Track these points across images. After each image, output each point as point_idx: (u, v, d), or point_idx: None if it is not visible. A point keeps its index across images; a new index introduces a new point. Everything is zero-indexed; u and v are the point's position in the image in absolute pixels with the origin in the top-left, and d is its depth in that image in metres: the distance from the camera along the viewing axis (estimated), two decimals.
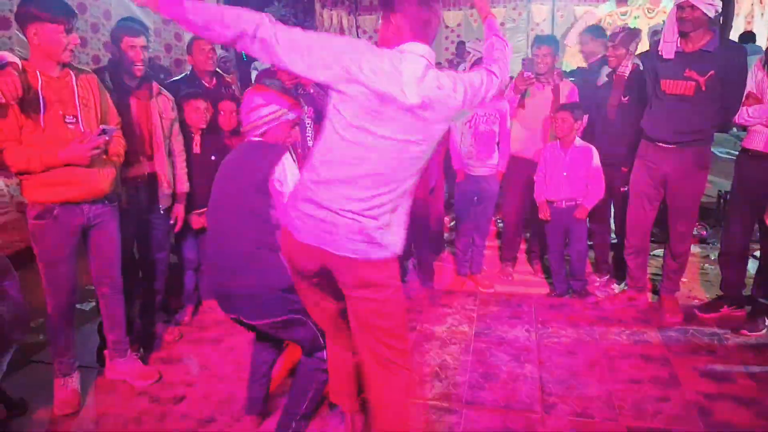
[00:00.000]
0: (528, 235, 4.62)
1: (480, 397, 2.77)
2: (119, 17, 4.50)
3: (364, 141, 1.83)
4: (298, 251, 1.96)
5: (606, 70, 3.80)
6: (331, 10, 9.62)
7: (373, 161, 1.84)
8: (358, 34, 11.18)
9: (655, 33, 4.11)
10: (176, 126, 3.22)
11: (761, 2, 7.56)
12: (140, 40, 2.87)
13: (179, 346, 3.32)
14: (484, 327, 3.47)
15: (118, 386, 2.91)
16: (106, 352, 2.98)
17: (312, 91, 3.57)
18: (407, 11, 1.85)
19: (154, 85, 3.07)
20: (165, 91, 3.15)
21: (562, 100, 3.84)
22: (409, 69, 1.79)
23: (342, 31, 10.42)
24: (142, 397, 2.83)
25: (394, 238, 1.93)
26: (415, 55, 1.83)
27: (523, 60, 4.46)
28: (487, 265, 4.34)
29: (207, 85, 3.63)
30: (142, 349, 3.19)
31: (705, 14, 3.07)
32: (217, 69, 3.79)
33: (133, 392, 2.87)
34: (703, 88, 3.15)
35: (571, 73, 5.78)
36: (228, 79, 4.00)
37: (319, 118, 3.50)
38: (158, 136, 3.07)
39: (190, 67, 3.68)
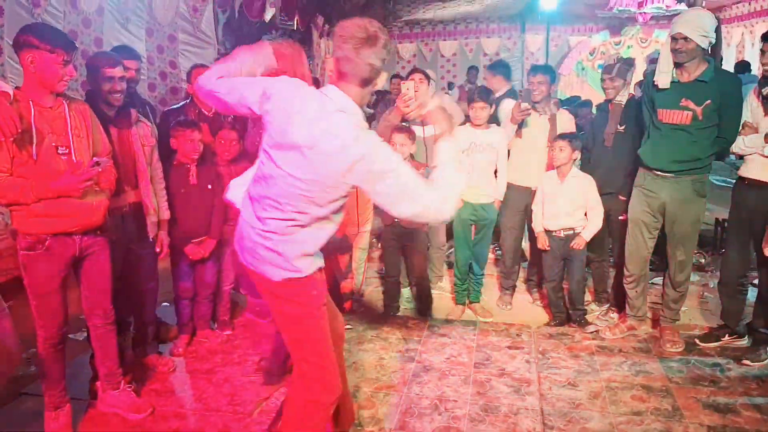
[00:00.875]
0: (527, 263, 4.60)
1: (480, 430, 2.71)
2: (110, 45, 4.54)
3: (268, 164, 1.93)
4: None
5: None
6: (328, 39, 9.73)
7: (271, 186, 1.93)
8: None
9: (652, 61, 4.16)
10: (156, 153, 3.19)
11: (751, 32, 7.69)
12: (117, 71, 2.83)
13: (173, 378, 3.25)
14: (484, 357, 3.42)
15: (111, 419, 2.84)
16: (98, 384, 2.92)
17: None
18: (336, 54, 1.86)
19: (133, 112, 3.03)
20: (144, 119, 3.13)
21: (559, 129, 3.85)
22: (310, 107, 1.84)
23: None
24: (134, 431, 2.77)
25: (293, 263, 1.98)
26: (326, 97, 1.87)
27: (519, 91, 4.49)
28: (485, 294, 4.31)
29: (207, 113, 3.64)
30: (134, 381, 3.13)
31: (699, 45, 3.10)
32: None
33: (126, 425, 2.80)
34: (700, 118, 3.16)
35: (566, 102, 5.84)
36: None
37: None
38: (141, 164, 3.03)
39: (188, 95, 3.71)
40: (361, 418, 2.81)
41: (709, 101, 3.14)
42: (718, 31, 4.24)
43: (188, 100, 3.73)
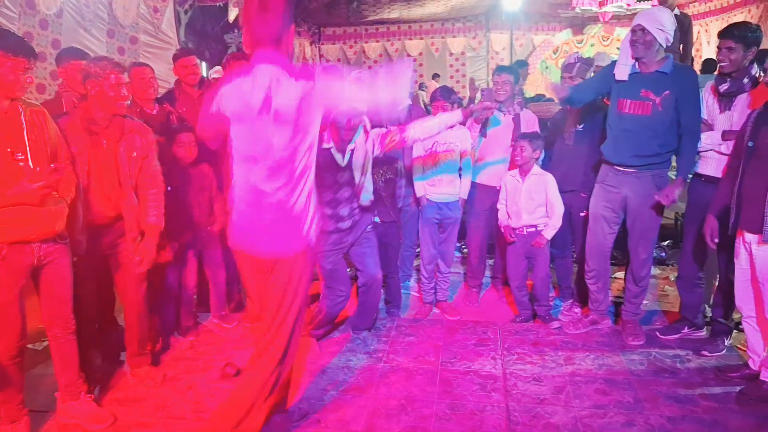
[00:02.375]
0: (492, 261, 4.64)
1: (447, 429, 2.73)
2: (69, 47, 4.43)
3: None
4: None
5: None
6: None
7: None
8: (321, 62, 11.27)
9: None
10: (154, 160, 3.10)
11: (707, 31, 7.88)
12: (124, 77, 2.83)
13: (135, 386, 3.19)
14: (451, 356, 3.44)
15: (71, 430, 2.78)
16: (57, 394, 2.85)
17: None
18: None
19: (126, 122, 2.95)
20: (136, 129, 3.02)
21: (523, 128, 3.90)
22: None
23: (305, 60, 10.48)
24: None
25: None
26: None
27: (482, 90, 4.51)
28: (452, 293, 4.33)
29: (149, 111, 3.60)
30: (96, 390, 3.06)
31: (656, 38, 3.17)
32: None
33: None
34: (660, 108, 3.23)
35: (531, 100, 5.90)
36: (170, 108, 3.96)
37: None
38: (123, 177, 2.94)
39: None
40: (328, 422, 2.81)
41: (667, 92, 3.21)
42: (689, 29, 4.33)
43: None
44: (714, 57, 3.98)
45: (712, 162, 3.31)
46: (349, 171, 3.20)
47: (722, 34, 3.21)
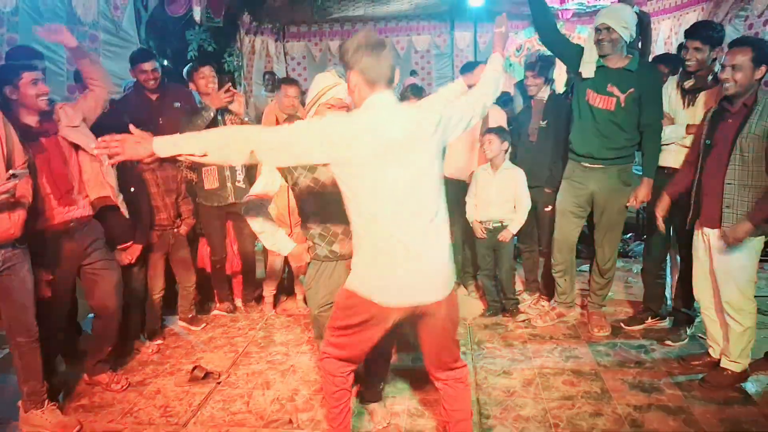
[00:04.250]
0: (461, 256, 4.66)
1: (419, 424, 2.74)
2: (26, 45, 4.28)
3: None
4: None
5: (519, 99, 3.93)
6: (254, 36, 9.55)
7: None
8: (286, 60, 11.17)
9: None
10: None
11: (679, 24, 7.97)
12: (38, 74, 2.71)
13: (101, 392, 3.12)
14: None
15: None
16: (20, 403, 2.76)
17: None
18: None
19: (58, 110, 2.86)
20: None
21: (491, 123, 3.93)
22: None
23: (269, 57, 10.37)
24: None
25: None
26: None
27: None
28: None
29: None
30: (61, 398, 2.98)
31: (621, 36, 3.23)
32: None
33: None
34: (623, 104, 3.29)
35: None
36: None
37: None
38: (72, 171, 2.89)
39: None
40: (300, 421, 2.79)
41: (632, 89, 3.27)
42: (647, 27, 4.41)
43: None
44: (666, 53, 4.08)
45: (674, 154, 3.38)
46: None
47: (690, 34, 3.28)
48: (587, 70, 3.37)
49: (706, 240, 2.98)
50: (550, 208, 3.79)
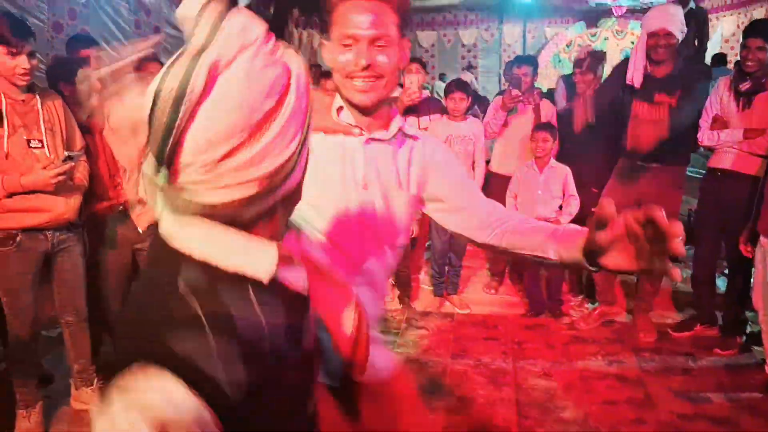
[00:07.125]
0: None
1: (457, 422, 2.74)
2: None
3: None
4: None
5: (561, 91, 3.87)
6: (303, 29, 9.63)
7: None
8: None
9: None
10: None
11: (747, 19, 7.66)
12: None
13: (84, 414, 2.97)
14: (461, 349, 3.44)
15: (84, 416, 2.79)
16: (71, 380, 2.87)
17: None
18: None
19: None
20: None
21: (543, 119, 3.87)
22: None
23: (313, 51, 10.45)
24: None
25: None
26: None
27: (510, 79, 4.43)
28: (463, 286, 4.33)
29: None
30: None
31: (678, 40, 3.12)
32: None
33: None
34: (675, 106, 3.19)
35: (546, 95, 5.86)
36: None
37: None
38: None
39: None
40: None
41: (680, 90, 3.17)
42: (704, 24, 4.26)
43: None
44: (721, 52, 3.95)
45: (729, 156, 3.25)
46: None
47: (750, 32, 3.14)
48: (638, 77, 3.26)
49: (766, 246, 2.87)
50: (595, 209, 3.71)
